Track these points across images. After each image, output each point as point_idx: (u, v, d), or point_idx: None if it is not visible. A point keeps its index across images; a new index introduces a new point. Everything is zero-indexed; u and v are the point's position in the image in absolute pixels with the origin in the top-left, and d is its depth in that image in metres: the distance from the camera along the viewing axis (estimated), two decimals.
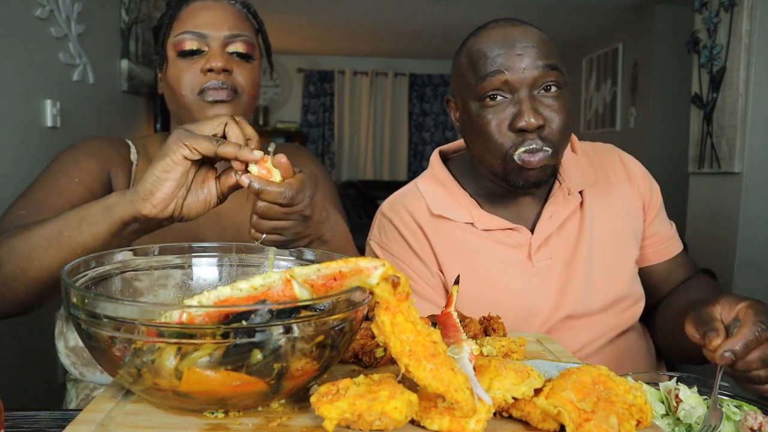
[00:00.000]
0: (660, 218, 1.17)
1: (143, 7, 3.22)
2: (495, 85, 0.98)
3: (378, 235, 1.16)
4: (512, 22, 1.03)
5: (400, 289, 0.55)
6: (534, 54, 0.98)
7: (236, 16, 1.08)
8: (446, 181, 1.13)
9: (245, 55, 1.07)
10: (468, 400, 0.52)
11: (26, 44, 2.13)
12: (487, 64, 0.99)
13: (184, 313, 0.54)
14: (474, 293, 1.06)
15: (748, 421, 0.71)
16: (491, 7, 4.35)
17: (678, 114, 3.96)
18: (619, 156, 1.18)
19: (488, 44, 1.00)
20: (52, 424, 0.70)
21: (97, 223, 0.76)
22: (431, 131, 7.08)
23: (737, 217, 2.82)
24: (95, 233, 0.77)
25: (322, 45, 6.16)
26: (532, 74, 0.97)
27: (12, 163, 2.03)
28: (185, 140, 0.72)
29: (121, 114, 3.08)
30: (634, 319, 1.12)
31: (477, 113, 1.01)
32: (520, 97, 0.97)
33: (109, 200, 0.77)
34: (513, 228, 1.08)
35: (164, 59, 1.07)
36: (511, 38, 0.99)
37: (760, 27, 2.70)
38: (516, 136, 0.98)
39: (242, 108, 1.07)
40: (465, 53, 1.04)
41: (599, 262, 1.09)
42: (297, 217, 0.76)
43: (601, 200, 1.12)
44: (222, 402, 0.57)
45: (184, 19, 1.06)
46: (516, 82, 0.97)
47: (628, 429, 0.55)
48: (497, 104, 0.99)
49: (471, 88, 1.01)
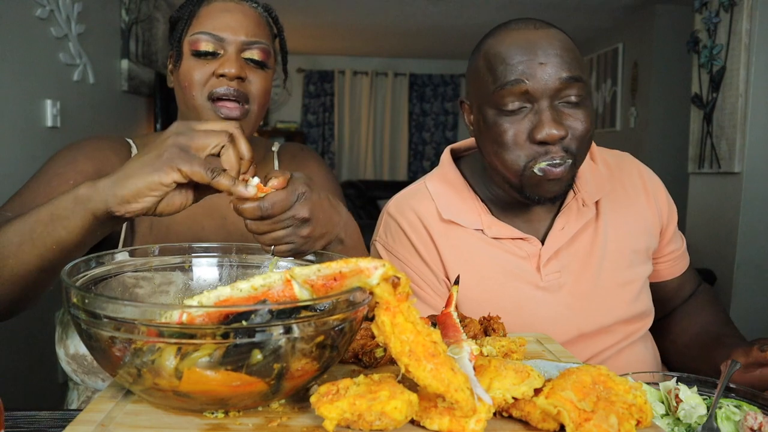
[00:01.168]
0: (676, 236, 1.15)
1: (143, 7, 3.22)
2: (514, 95, 0.92)
3: (384, 237, 1.12)
4: (534, 23, 0.97)
5: (400, 289, 0.55)
6: (557, 64, 0.92)
7: (256, 22, 1.05)
8: (457, 183, 1.09)
9: (260, 62, 1.05)
10: (468, 400, 0.52)
11: (26, 44, 2.13)
12: (507, 71, 0.93)
13: (184, 313, 0.54)
14: (479, 302, 1.03)
15: (748, 421, 0.71)
16: (491, 7, 4.35)
17: (678, 114, 3.96)
18: (638, 169, 1.14)
19: (508, 49, 0.94)
20: (52, 424, 0.70)
21: (68, 217, 0.74)
22: (431, 131, 7.08)
23: (737, 217, 2.82)
24: (69, 227, 0.74)
25: (322, 45, 6.15)
26: (555, 85, 0.92)
27: (12, 163, 2.03)
28: (180, 164, 0.68)
29: (121, 114, 3.08)
30: (641, 333, 1.09)
31: (494, 121, 0.95)
32: (541, 108, 0.92)
33: (79, 191, 0.74)
34: (523, 238, 1.05)
35: (179, 55, 1.05)
36: (534, 44, 0.93)
37: (760, 27, 2.70)
38: (536, 147, 0.93)
39: (252, 119, 1.05)
40: (483, 55, 0.98)
41: (609, 280, 1.06)
42: (292, 222, 0.74)
43: (616, 214, 1.08)
44: (222, 402, 0.57)
45: (203, 18, 1.04)
46: (537, 92, 0.92)
47: (627, 429, 0.55)
48: (516, 114, 0.93)
49: (488, 95, 0.95)
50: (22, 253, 0.77)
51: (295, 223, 0.74)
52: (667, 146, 4.15)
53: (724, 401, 0.77)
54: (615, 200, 1.09)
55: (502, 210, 1.08)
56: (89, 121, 2.63)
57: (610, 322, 1.05)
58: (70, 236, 0.75)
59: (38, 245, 0.76)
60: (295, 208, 0.74)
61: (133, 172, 0.70)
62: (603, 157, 1.13)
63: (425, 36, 5.51)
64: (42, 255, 0.77)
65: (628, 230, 1.08)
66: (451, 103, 7.00)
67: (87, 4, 2.54)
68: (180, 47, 1.05)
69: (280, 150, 1.23)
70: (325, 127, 6.94)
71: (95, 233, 0.77)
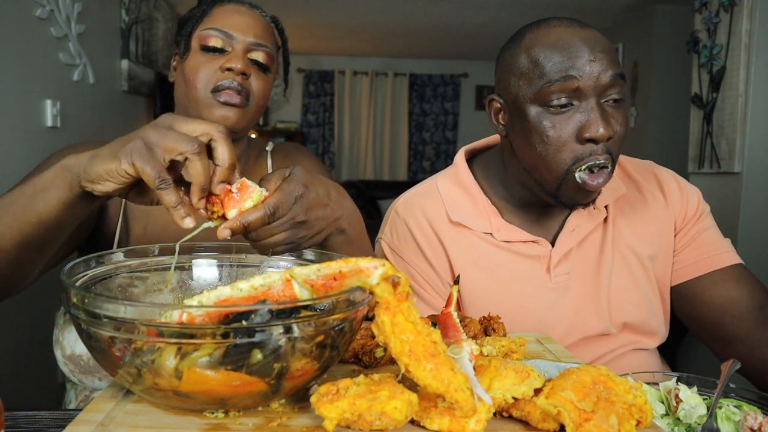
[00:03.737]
0: (702, 225, 1.08)
1: (143, 7, 3.22)
2: (565, 91, 0.90)
3: (389, 235, 1.11)
4: (578, 23, 0.95)
5: (400, 289, 0.55)
6: (606, 61, 0.91)
7: (264, 27, 1.10)
8: (469, 185, 1.07)
9: (264, 65, 1.08)
10: (468, 400, 0.52)
11: (26, 44, 2.13)
12: (557, 67, 0.90)
13: (184, 313, 0.54)
14: (488, 304, 1.03)
15: (748, 421, 0.71)
16: (491, 7, 4.35)
17: (678, 114, 3.96)
18: (655, 174, 1.11)
19: (557, 44, 0.92)
20: (52, 424, 0.70)
21: (48, 188, 0.73)
22: (431, 131, 7.08)
23: (737, 217, 2.82)
24: (47, 199, 0.73)
25: (322, 45, 6.16)
26: (604, 82, 0.90)
27: (12, 163, 2.03)
28: (136, 159, 0.65)
29: (121, 114, 3.08)
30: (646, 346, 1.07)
31: (538, 119, 0.92)
32: (590, 106, 0.90)
33: (63, 161, 0.72)
34: (533, 240, 1.04)
35: (186, 49, 1.08)
36: (583, 40, 0.91)
37: (760, 27, 2.70)
38: (581, 148, 0.91)
39: (249, 116, 1.07)
40: (525, 50, 0.95)
41: (616, 282, 1.04)
42: (290, 225, 0.73)
43: (629, 219, 1.07)
44: (222, 402, 0.57)
45: (215, 16, 1.08)
46: (587, 89, 0.90)
47: (628, 429, 0.55)
48: (562, 112, 0.91)
49: (534, 91, 0.92)
50: (2, 226, 0.76)
51: (293, 226, 0.74)
52: (667, 146, 4.15)
53: (724, 401, 0.76)
54: (627, 204, 1.07)
55: (514, 211, 1.07)
56: (89, 121, 2.63)
57: (614, 325, 1.04)
58: (48, 209, 0.74)
59: (19, 218, 0.75)
60: (294, 211, 0.73)
61: (101, 153, 0.69)
62: (619, 162, 1.12)
63: (425, 36, 5.51)
64: (22, 230, 0.76)
65: (642, 235, 1.06)
66: (451, 103, 7.00)
67: (87, 4, 2.54)
68: (188, 42, 1.08)
69: (274, 149, 1.25)
70: (325, 127, 6.94)
71: (74, 209, 0.75)
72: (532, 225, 1.06)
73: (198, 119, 0.70)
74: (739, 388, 0.78)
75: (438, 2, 4.31)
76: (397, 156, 7.07)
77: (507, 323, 0.86)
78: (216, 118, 1.03)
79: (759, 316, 1.01)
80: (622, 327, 1.05)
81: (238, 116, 1.04)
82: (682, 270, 1.07)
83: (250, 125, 1.10)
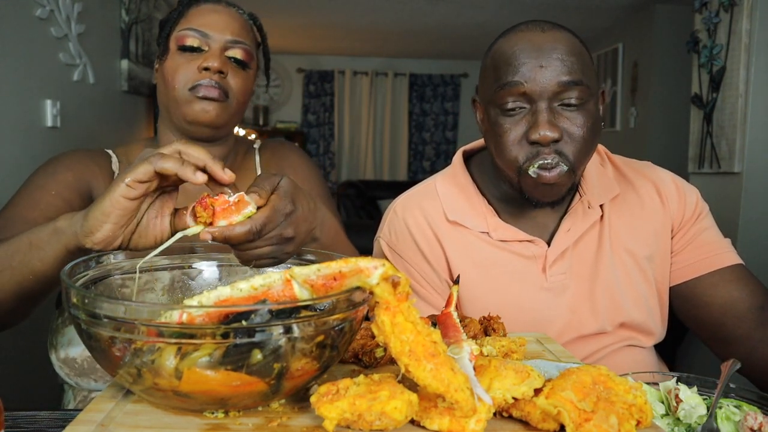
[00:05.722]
0: (701, 225, 1.07)
1: (143, 7, 3.22)
2: (512, 95, 0.94)
3: (387, 234, 1.12)
4: (542, 26, 0.98)
5: (400, 289, 0.55)
6: (558, 68, 0.93)
7: (241, 25, 1.11)
8: (466, 185, 1.10)
9: (242, 62, 1.09)
10: (468, 400, 0.52)
11: (26, 44, 2.13)
12: (508, 72, 0.95)
13: (184, 313, 0.54)
14: (484, 303, 1.03)
15: (748, 421, 0.71)
16: (491, 7, 4.35)
17: (678, 114, 3.96)
18: (651, 175, 1.11)
19: (513, 50, 0.96)
20: (52, 424, 0.70)
21: (44, 248, 0.75)
22: (431, 131, 7.08)
23: (737, 217, 2.82)
24: (43, 258, 0.75)
25: (322, 45, 6.15)
26: (552, 89, 0.93)
27: (12, 163, 2.03)
28: (126, 177, 0.66)
29: (121, 114, 3.08)
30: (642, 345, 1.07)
31: (495, 120, 0.97)
32: (538, 108, 0.93)
33: (58, 223, 0.74)
34: (529, 240, 1.05)
35: (165, 51, 1.09)
36: (537, 46, 0.94)
37: (760, 27, 2.69)
38: (530, 148, 0.94)
39: (230, 112, 1.08)
40: (491, 55, 1.00)
41: (612, 282, 1.05)
42: (277, 241, 0.73)
43: (625, 219, 1.07)
44: (222, 402, 0.57)
45: (191, 17, 1.09)
46: (534, 94, 0.93)
47: (628, 429, 0.55)
48: (514, 114, 0.95)
49: (492, 94, 0.97)
50: (2, 278, 0.79)
51: (280, 241, 0.73)
52: (667, 146, 4.15)
53: (724, 401, 0.76)
54: (623, 204, 1.07)
55: (510, 210, 1.08)
56: (89, 121, 2.63)
57: (611, 324, 1.05)
58: (44, 267, 0.76)
59: (16, 273, 0.78)
60: (282, 227, 0.72)
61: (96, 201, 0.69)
62: (615, 163, 1.12)
63: (425, 36, 5.51)
64: (20, 283, 0.78)
65: (635, 235, 1.06)
66: (451, 103, 7.00)
67: (87, 4, 2.54)
68: (167, 43, 1.09)
69: (261, 147, 1.25)
70: (325, 127, 6.94)
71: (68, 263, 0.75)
72: (529, 225, 1.07)
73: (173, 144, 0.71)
74: (739, 388, 0.78)
75: (438, 2, 4.31)
76: (397, 156, 7.07)
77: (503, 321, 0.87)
78: (196, 113, 1.05)
79: (759, 316, 1.01)
80: (619, 326, 1.06)
81: (218, 110, 1.05)
82: (682, 270, 1.07)
83: (232, 121, 1.11)
